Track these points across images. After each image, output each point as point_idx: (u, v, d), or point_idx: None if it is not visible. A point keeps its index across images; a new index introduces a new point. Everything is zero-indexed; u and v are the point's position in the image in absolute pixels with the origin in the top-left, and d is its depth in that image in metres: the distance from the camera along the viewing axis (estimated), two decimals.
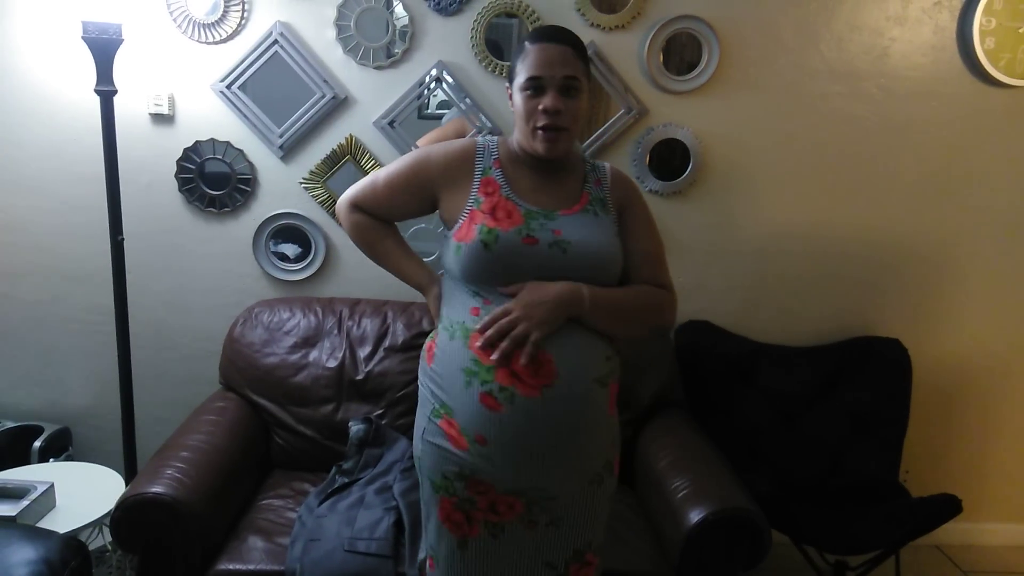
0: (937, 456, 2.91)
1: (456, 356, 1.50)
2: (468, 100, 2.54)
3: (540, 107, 1.49)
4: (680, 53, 2.56)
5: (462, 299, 1.53)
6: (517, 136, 1.58)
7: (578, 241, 1.50)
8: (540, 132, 1.51)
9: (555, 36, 1.52)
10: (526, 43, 1.53)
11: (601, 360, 1.51)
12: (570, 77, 1.49)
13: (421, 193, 1.62)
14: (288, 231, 2.64)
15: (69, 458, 2.62)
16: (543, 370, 1.44)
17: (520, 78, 1.52)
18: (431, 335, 1.64)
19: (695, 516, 1.91)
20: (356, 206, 1.68)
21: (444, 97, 2.57)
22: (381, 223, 1.70)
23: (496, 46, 2.53)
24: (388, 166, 1.68)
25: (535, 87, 1.50)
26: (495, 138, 1.64)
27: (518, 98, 1.53)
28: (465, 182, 1.57)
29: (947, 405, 2.88)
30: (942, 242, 2.75)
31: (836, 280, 2.76)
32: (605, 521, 1.65)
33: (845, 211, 2.71)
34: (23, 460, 2.50)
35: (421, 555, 1.67)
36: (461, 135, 2.55)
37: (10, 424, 2.56)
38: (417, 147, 2.55)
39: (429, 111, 2.60)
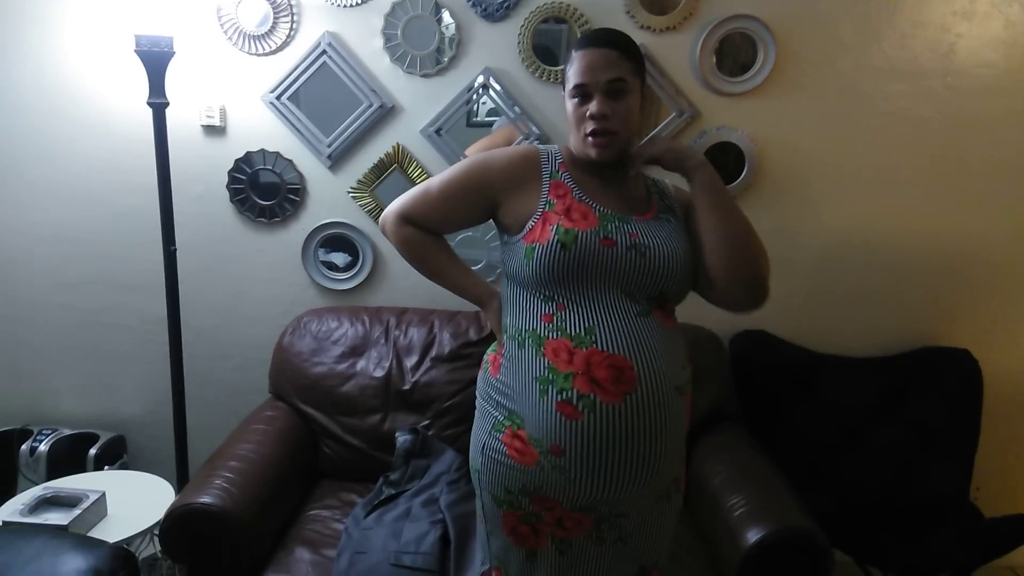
0: (1010, 473, 2.76)
1: (529, 365, 1.45)
2: (517, 108, 2.50)
3: (587, 113, 1.47)
4: (733, 55, 2.48)
5: (532, 305, 1.47)
6: (572, 143, 1.56)
7: (657, 246, 1.46)
8: (590, 138, 1.48)
9: (598, 41, 1.48)
10: (572, 51, 1.51)
11: (678, 368, 1.46)
12: (615, 80, 1.45)
13: (480, 200, 1.55)
14: (336, 240, 2.64)
15: (123, 465, 2.67)
16: (624, 377, 1.39)
17: (568, 85, 1.50)
18: (492, 347, 1.60)
19: (753, 536, 1.83)
20: (406, 219, 1.58)
21: (493, 104, 2.54)
22: (432, 236, 1.62)
23: (545, 51, 2.49)
24: (440, 175, 1.59)
25: (581, 94, 1.48)
26: (555, 145, 1.60)
27: (568, 106, 1.51)
28: (532, 185, 1.52)
29: (1018, 420, 2.73)
30: (1014, 247, 2.60)
31: (901, 287, 2.64)
32: (670, 539, 1.60)
33: (910, 215, 2.59)
34: (80, 467, 2.54)
35: (484, 567, 1.63)
36: (510, 143, 2.52)
37: (67, 432, 2.61)
38: (467, 156, 2.53)
39: (478, 118, 2.57)
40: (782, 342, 2.63)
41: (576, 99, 1.48)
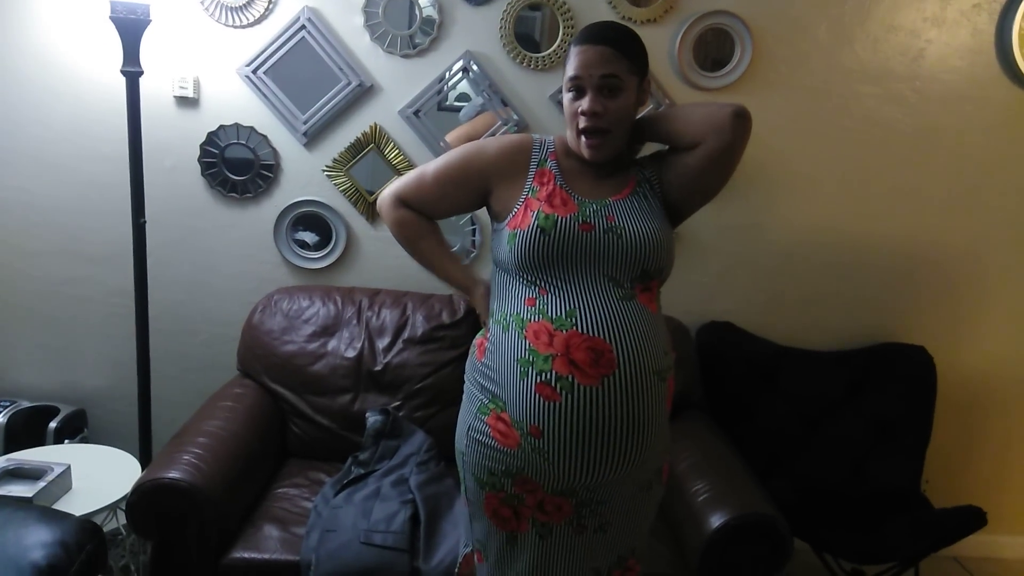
0: (958, 466, 2.87)
1: (512, 347, 1.47)
2: (489, 91, 2.50)
3: (579, 109, 1.48)
4: (704, 50, 2.51)
5: (516, 290, 1.50)
6: (568, 137, 1.57)
7: (631, 225, 1.48)
8: (583, 137, 1.50)
9: (595, 37, 1.48)
10: (571, 45, 1.51)
11: (660, 354, 1.47)
12: (608, 76, 1.46)
13: (473, 185, 1.59)
14: (309, 219, 2.62)
15: (84, 440, 2.62)
16: (603, 359, 1.41)
17: (565, 79, 1.51)
18: (480, 332, 1.61)
19: (716, 520, 1.88)
20: (401, 201, 1.64)
21: (464, 89, 2.54)
22: (425, 220, 1.66)
23: (524, 38, 2.50)
24: (436, 161, 1.64)
25: (576, 88, 1.49)
26: (551, 136, 1.62)
27: (564, 100, 1.52)
28: (520, 173, 1.55)
29: (969, 415, 2.84)
30: (972, 250, 2.70)
31: (862, 285, 2.72)
32: (648, 528, 1.63)
33: (874, 214, 2.66)
34: (38, 441, 2.49)
35: (466, 549, 1.65)
36: (489, 130, 2.52)
37: (26, 404, 2.55)
38: (447, 142, 2.53)
39: (448, 103, 2.56)
40: (747, 334, 2.69)
41: (571, 94, 1.50)
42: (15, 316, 2.68)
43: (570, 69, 1.49)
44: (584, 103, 1.47)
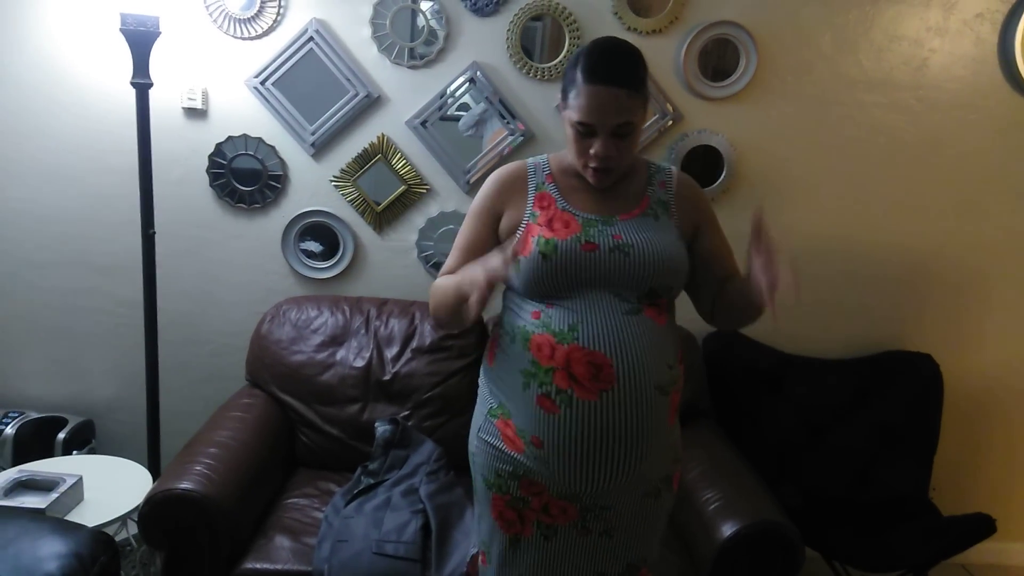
0: (966, 474, 2.87)
1: (515, 358, 1.49)
2: (492, 97, 2.52)
3: (592, 151, 1.46)
4: (705, 59, 2.53)
5: (523, 305, 1.51)
6: (570, 159, 1.54)
7: (640, 243, 1.47)
8: (590, 169, 1.49)
9: (609, 77, 1.41)
10: (579, 75, 1.42)
11: (663, 368, 1.47)
12: (623, 124, 1.43)
13: (492, 225, 1.58)
14: (317, 229, 2.63)
15: (92, 451, 2.62)
16: (602, 374, 1.41)
17: (571, 115, 1.45)
18: (491, 334, 1.63)
19: (728, 529, 1.89)
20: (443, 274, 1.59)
21: (469, 99, 2.55)
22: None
23: (528, 50, 2.51)
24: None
25: (586, 131, 1.45)
26: (545, 156, 1.61)
27: (569, 131, 1.48)
28: (520, 199, 1.55)
29: (976, 423, 2.84)
30: (977, 257, 2.71)
31: (867, 292, 2.73)
32: (660, 537, 1.63)
33: (878, 223, 2.67)
34: (47, 452, 2.49)
35: (473, 550, 1.66)
36: None
37: (34, 415, 2.55)
38: None
39: (449, 112, 2.58)
40: (753, 342, 2.69)
41: (579, 130, 1.45)
42: (23, 327, 2.68)
43: (580, 111, 1.42)
44: (598, 147, 1.44)
